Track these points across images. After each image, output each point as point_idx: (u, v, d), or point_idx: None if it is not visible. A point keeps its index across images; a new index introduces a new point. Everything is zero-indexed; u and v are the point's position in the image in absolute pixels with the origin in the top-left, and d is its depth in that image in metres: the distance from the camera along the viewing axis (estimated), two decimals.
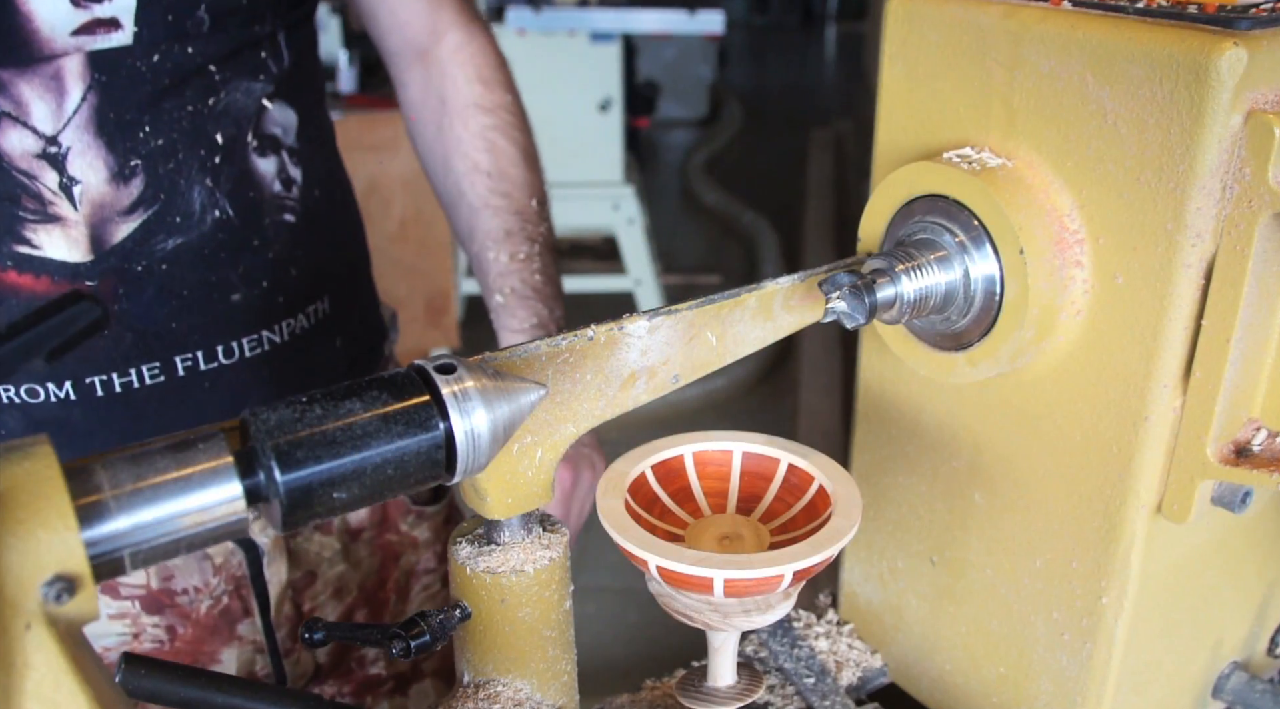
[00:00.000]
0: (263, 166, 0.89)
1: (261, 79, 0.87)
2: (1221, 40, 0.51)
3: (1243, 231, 0.54)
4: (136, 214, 0.81)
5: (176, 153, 0.82)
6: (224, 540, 0.42)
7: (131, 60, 0.78)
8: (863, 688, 0.79)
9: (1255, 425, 0.59)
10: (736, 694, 0.65)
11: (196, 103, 0.83)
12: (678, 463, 0.65)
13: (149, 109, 0.80)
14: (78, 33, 0.75)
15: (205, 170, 0.84)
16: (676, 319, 0.59)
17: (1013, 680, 0.71)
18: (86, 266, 0.81)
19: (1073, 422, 0.62)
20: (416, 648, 0.56)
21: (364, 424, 0.44)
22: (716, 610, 0.59)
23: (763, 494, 0.64)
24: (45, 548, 0.36)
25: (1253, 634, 0.75)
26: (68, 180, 0.79)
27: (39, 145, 0.78)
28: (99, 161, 0.79)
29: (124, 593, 0.89)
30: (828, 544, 0.56)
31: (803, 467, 0.63)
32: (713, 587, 0.55)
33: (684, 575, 0.55)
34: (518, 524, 0.58)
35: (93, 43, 0.76)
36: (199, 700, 0.50)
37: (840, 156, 5.56)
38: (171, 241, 0.83)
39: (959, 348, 0.63)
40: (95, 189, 0.80)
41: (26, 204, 0.79)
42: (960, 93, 0.63)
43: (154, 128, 0.81)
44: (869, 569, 0.80)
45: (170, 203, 0.83)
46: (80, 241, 0.80)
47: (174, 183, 0.83)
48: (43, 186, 0.78)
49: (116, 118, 0.79)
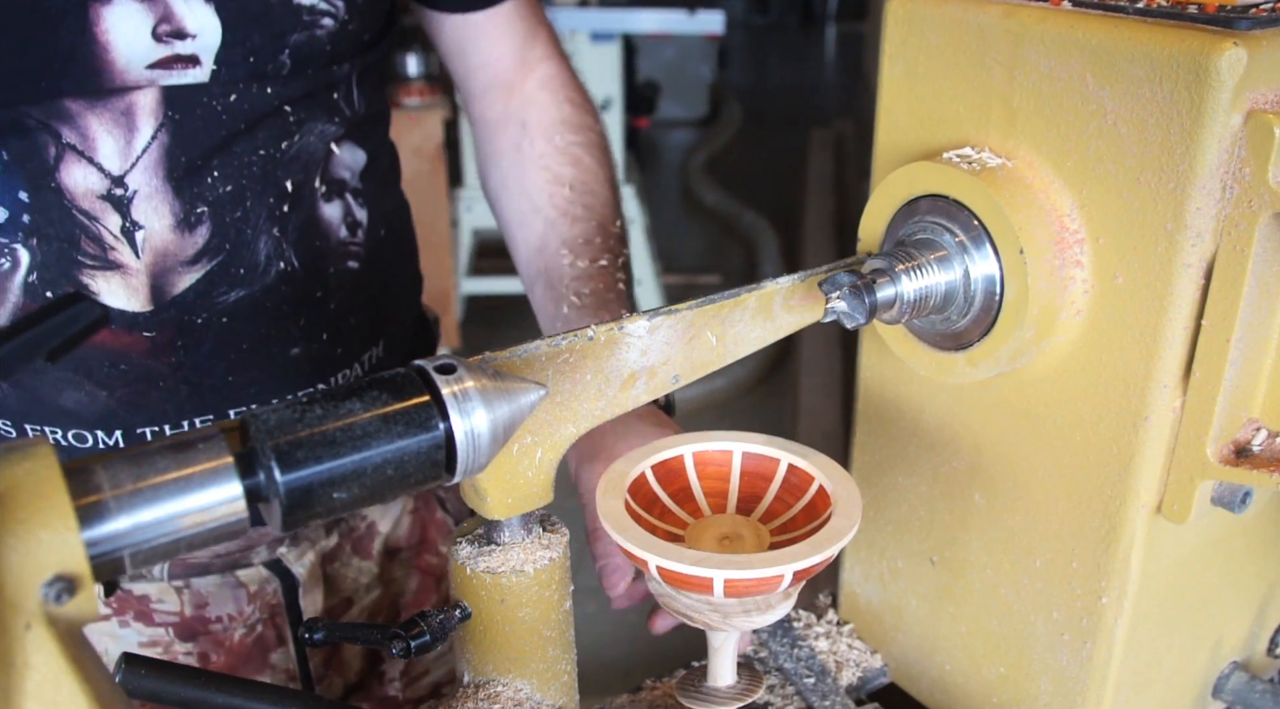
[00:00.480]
0: (329, 213, 0.86)
1: (335, 122, 0.84)
2: (1221, 40, 0.51)
3: (1243, 231, 0.54)
4: (200, 264, 0.78)
5: (245, 200, 0.79)
6: (224, 541, 0.42)
7: (207, 99, 0.75)
8: (863, 688, 0.79)
9: (1255, 425, 0.59)
10: (737, 694, 0.64)
11: (269, 146, 0.79)
12: (677, 463, 0.65)
13: (220, 152, 0.77)
14: (154, 67, 0.72)
15: (273, 219, 0.81)
16: (676, 319, 0.59)
17: (1013, 680, 0.71)
18: (145, 317, 0.77)
19: (1073, 422, 0.62)
20: (416, 648, 0.56)
21: (364, 424, 0.44)
22: (716, 610, 0.59)
23: (763, 494, 0.64)
24: (45, 548, 0.36)
25: (1253, 634, 0.75)
26: (131, 225, 0.75)
27: (104, 185, 0.74)
28: (164, 207, 0.76)
29: (157, 620, 0.87)
30: (827, 544, 0.56)
31: (803, 466, 0.63)
32: (712, 587, 0.55)
33: (684, 575, 0.55)
34: (518, 524, 0.58)
35: (168, 77, 0.73)
36: (199, 700, 0.50)
37: (840, 156, 5.56)
38: (234, 294, 0.80)
39: (959, 348, 0.63)
40: (159, 236, 0.76)
41: (86, 247, 0.75)
42: (960, 93, 0.63)
43: (223, 173, 0.77)
44: (869, 569, 0.80)
45: (235, 253, 0.79)
46: (140, 291, 0.77)
47: (240, 232, 0.79)
48: (104, 230, 0.75)
49: (187, 161, 0.75)
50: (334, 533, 0.94)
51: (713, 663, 0.65)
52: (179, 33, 0.72)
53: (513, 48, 0.97)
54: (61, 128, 0.72)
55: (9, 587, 0.35)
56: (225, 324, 0.80)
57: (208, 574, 0.88)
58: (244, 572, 0.89)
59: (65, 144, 0.72)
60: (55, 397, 0.78)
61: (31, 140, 0.72)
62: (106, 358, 0.78)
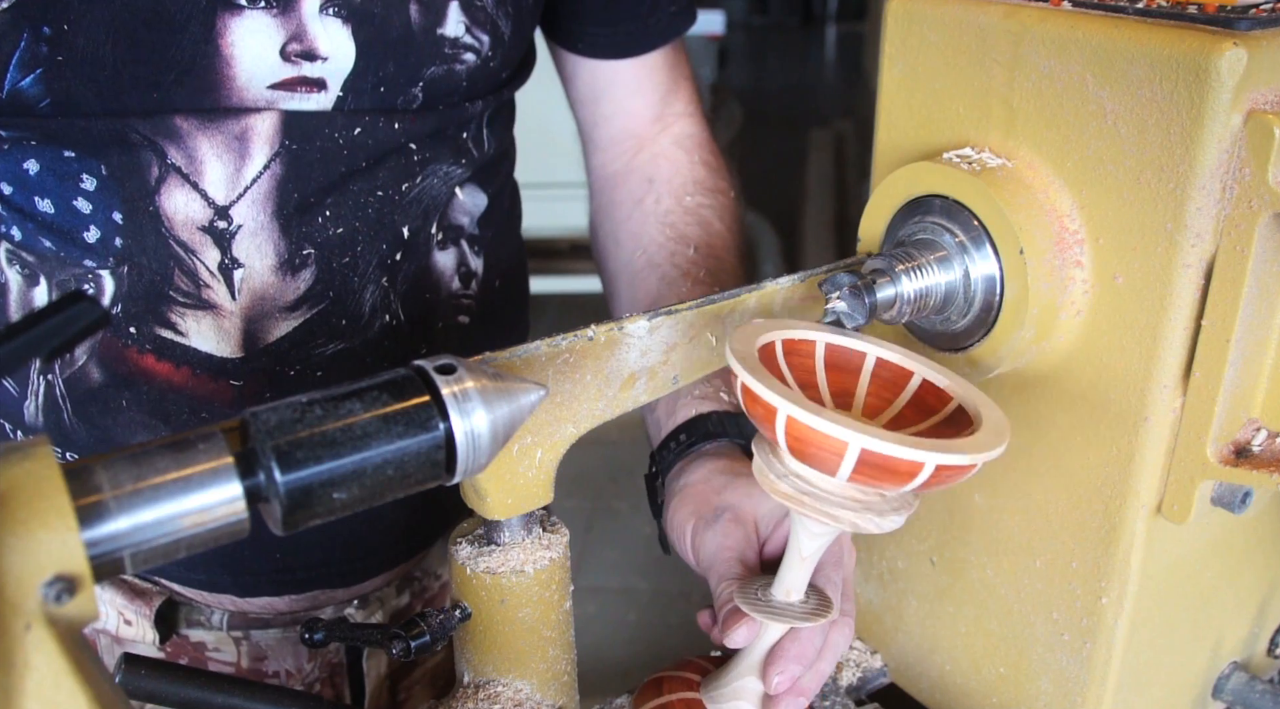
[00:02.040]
0: (442, 262, 0.79)
1: (461, 164, 0.78)
2: (1221, 40, 0.51)
3: (1243, 232, 0.54)
4: (299, 312, 0.72)
5: (355, 245, 0.72)
6: (224, 541, 0.42)
7: (329, 130, 0.69)
8: (863, 688, 0.79)
9: (1255, 425, 0.59)
10: (808, 612, 0.59)
11: (389, 187, 0.73)
12: (808, 348, 0.58)
13: (335, 190, 0.71)
14: (275, 87, 0.67)
15: (383, 267, 0.74)
16: (676, 319, 0.59)
17: (1013, 680, 0.71)
18: (234, 364, 0.71)
19: (1073, 422, 0.62)
20: (416, 648, 0.56)
21: (364, 424, 0.44)
22: (829, 498, 0.52)
23: (890, 403, 0.58)
24: (45, 548, 0.36)
25: (1253, 634, 0.75)
26: (229, 262, 0.69)
27: (207, 215, 0.68)
28: (268, 246, 0.69)
29: (212, 668, 0.83)
30: (974, 449, 0.49)
31: (941, 384, 0.56)
32: (843, 456, 0.48)
33: (816, 434, 0.47)
34: (518, 524, 0.58)
35: (289, 100, 0.67)
36: (199, 701, 0.50)
37: (840, 157, 5.56)
38: (332, 346, 0.73)
39: (959, 348, 0.63)
40: (259, 277, 0.70)
41: (178, 282, 0.69)
42: (960, 93, 0.63)
43: (335, 213, 0.71)
44: (869, 569, 0.80)
45: (339, 302, 0.72)
46: (232, 335, 0.71)
47: (346, 280, 0.73)
48: (200, 264, 0.69)
49: (299, 197, 0.69)
50: (405, 592, 0.89)
51: (787, 573, 0.58)
52: (309, 53, 0.67)
53: (651, 101, 0.90)
54: (168, 146, 0.67)
55: (9, 587, 0.35)
56: (319, 379, 0.73)
57: (269, 628, 0.83)
58: None
59: (170, 165, 0.67)
60: (127, 437, 0.73)
61: (134, 157, 0.67)
62: (187, 403, 0.73)
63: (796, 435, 0.49)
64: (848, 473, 0.49)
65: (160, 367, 0.72)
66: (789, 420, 0.48)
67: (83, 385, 0.73)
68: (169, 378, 0.72)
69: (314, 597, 0.84)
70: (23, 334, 0.38)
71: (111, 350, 0.72)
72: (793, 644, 0.60)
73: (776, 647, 0.60)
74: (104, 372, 0.72)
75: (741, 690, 0.62)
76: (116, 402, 0.73)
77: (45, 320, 0.38)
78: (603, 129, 0.91)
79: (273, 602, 0.83)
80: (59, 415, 0.74)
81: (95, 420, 0.74)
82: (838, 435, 0.47)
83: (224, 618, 0.83)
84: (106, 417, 0.73)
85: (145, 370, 0.72)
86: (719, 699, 0.63)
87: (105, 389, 0.73)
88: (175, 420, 0.73)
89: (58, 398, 0.74)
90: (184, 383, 0.72)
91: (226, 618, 0.83)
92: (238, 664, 0.84)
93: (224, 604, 0.83)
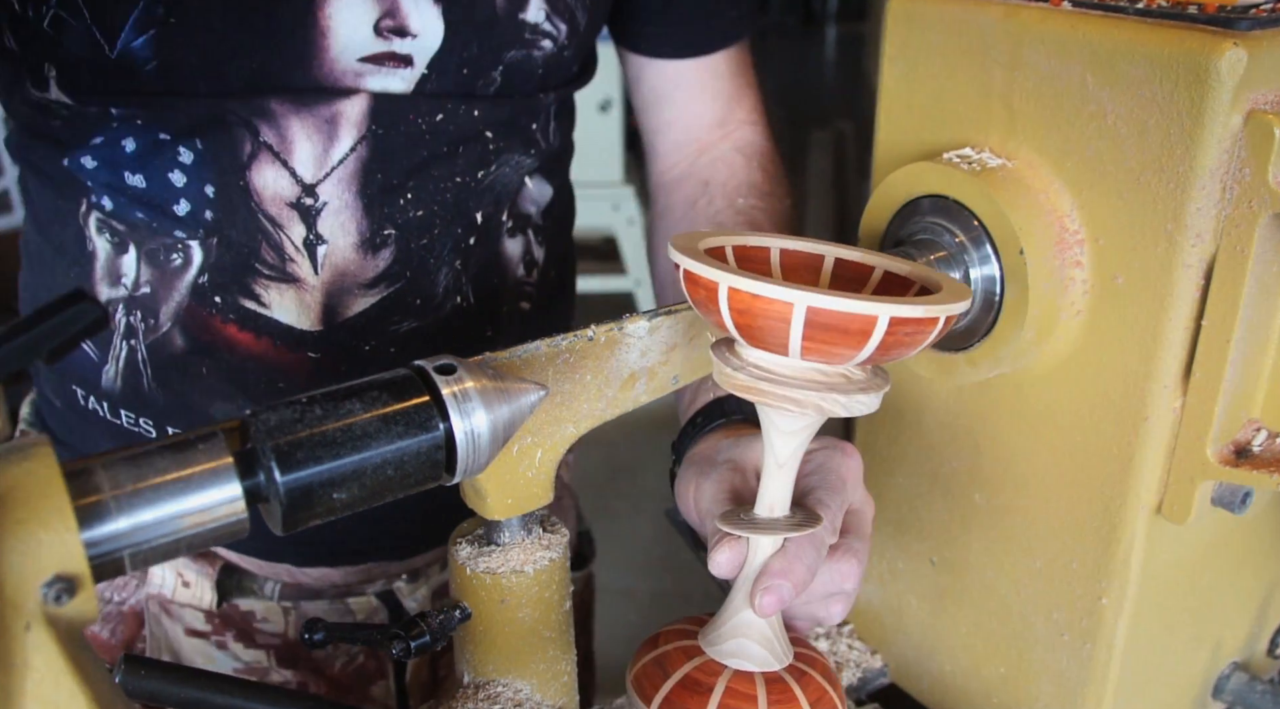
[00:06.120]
0: (510, 249, 0.81)
1: (531, 154, 0.80)
2: (1221, 40, 0.51)
3: (1243, 232, 0.54)
4: (378, 289, 0.74)
5: (433, 228, 0.75)
6: (224, 541, 0.42)
7: (414, 116, 0.72)
8: (863, 688, 0.79)
9: (1255, 426, 0.59)
10: (794, 524, 0.55)
11: (466, 173, 0.76)
12: (761, 255, 0.56)
13: (416, 174, 0.73)
14: (365, 60, 0.69)
15: (457, 250, 0.77)
16: (676, 319, 0.59)
17: (1013, 680, 0.71)
18: (314, 337, 0.74)
19: (1073, 422, 0.62)
20: (416, 648, 0.56)
21: (364, 424, 0.44)
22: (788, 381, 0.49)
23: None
24: (45, 548, 0.36)
25: (1253, 634, 0.75)
26: (314, 238, 0.72)
27: (295, 191, 0.71)
28: (351, 224, 0.72)
29: (260, 640, 0.85)
30: (931, 304, 0.46)
31: (903, 272, 0.54)
32: (790, 321, 0.45)
33: (759, 299, 0.45)
34: (518, 524, 0.58)
35: (377, 74, 0.70)
36: (199, 701, 0.50)
37: (840, 157, 5.56)
38: (406, 324, 0.76)
39: (959, 348, 0.63)
40: (340, 254, 0.72)
41: (265, 255, 0.72)
42: (960, 93, 0.63)
43: (416, 196, 0.74)
44: (869, 569, 0.80)
45: (415, 282, 0.75)
46: (313, 308, 0.73)
47: (423, 261, 0.75)
48: (286, 239, 0.71)
49: (382, 178, 0.72)
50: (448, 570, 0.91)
51: (767, 485, 0.55)
52: (401, 29, 0.69)
53: (715, 106, 0.90)
54: (261, 125, 0.69)
55: (9, 587, 0.35)
56: (393, 354, 0.76)
57: (319, 599, 0.85)
58: (355, 600, 0.86)
59: (262, 143, 0.70)
60: (205, 404, 0.76)
61: (229, 135, 0.69)
62: (265, 373, 0.75)
63: (741, 308, 0.46)
64: (798, 342, 0.46)
65: (242, 336, 0.74)
66: (730, 293, 0.46)
67: (165, 351, 0.75)
68: (249, 348, 0.74)
69: (368, 570, 0.86)
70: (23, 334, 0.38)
71: (196, 318, 0.74)
72: (779, 560, 0.56)
73: (764, 567, 0.57)
74: (187, 339, 0.75)
75: (739, 627, 0.57)
76: (197, 369, 0.76)
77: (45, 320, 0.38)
78: (665, 135, 0.91)
79: (328, 573, 0.85)
80: (139, 380, 0.76)
81: (175, 386, 0.76)
82: (783, 297, 0.44)
83: (276, 588, 0.85)
84: (186, 383, 0.76)
85: (227, 339, 0.74)
86: (717, 641, 0.58)
87: (187, 356, 0.75)
88: (253, 390, 0.75)
89: (139, 363, 0.76)
90: (264, 353, 0.75)
91: (279, 588, 0.85)
92: (284, 634, 0.85)
93: (279, 574, 0.85)
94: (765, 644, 0.57)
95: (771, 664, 0.57)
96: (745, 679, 0.56)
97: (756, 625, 0.57)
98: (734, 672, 0.57)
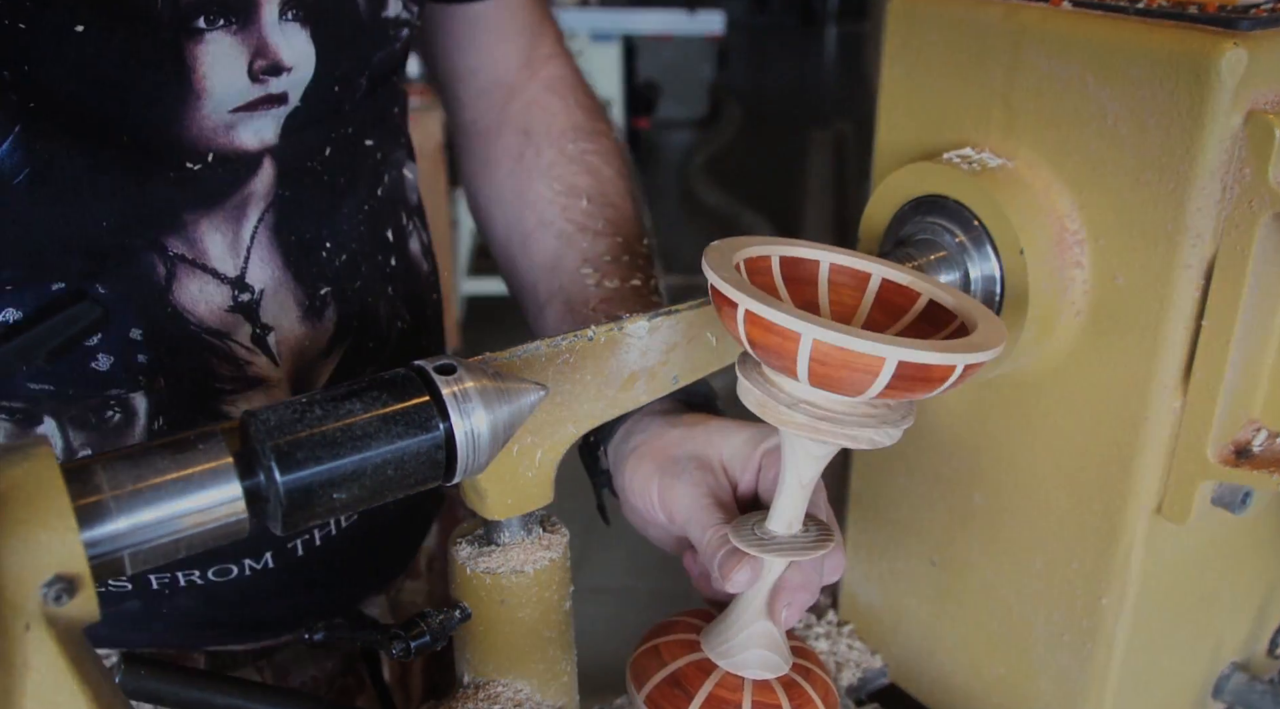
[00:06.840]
0: (414, 248, 0.78)
1: (401, 142, 0.76)
2: (1221, 40, 0.51)
3: (1243, 232, 0.54)
4: (335, 354, 0.69)
5: (359, 267, 0.70)
6: (224, 542, 0.42)
7: (308, 162, 0.67)
8: (863, 688, 0.79)
9: (1255, 426, 0.59)
10: (812, 542, 0.55)
11: (369, 198, 0.71)
12: (811, 269, 0.55)
13: (327, 219, 0.68)
14: (238, 110, 0.62)
15: (385, 278, 0.72)
16: (676, 319, 0.59)
17: (1013, 680, 0.71)
18: None
19: (1073, 422, 0.62)
20: (416, 648, 0.56)
21: (364, 424, 0.44)
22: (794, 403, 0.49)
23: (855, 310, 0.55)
24: (45, 548, 0.36)
25: (1253, 635, 0.75)
26: (261, 330, 0.66)
27: (226, 293, 0.64)
28: (289, 298, 0.67)
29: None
30: (946, 349, 0.45)
31: (949, 304, 0.53)
32: (796, 352, 0.45)
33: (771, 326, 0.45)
34: (518, 524, 0.58)
35: (249, 120, 0.63)
36: (199, 701, 0.50)
37: (840, 157, 5.56)
38: (369, 371, 0.71)
39: None
40: (290, 333, 0.67)
41: (220, 371, 0.65)
42: (960, 93, 0.63)
43: (335, 242, 0.69)
44: (869, 570, 0.80)
45: (364, 329, 0.71)
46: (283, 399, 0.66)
47: (364, 303, 0.71)
48: (235, 345, 0.65)
49: (296, 238, 0.67)
50: None
51: (787, 505, 0.55)
52: (275, 67, 0.63)
53: (518, 45, 0.85)
54: (167, 238, 0.62)
55: (9, 587, 0.35)
56: None
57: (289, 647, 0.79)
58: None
59: (173, 256, 0.62)
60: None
61: (137, 265, 0.61)
62: None
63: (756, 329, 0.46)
64: (807, 366, 0.46)
65: None
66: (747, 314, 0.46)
67: None
68: None
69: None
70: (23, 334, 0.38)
71: None
72: (797, 574, 0.56)
73: (781, 580, 0.57)
74: None
75: (755, 637, 0.58)
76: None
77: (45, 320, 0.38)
78: (468, 83, 0.86)
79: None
80: None
81: None
82: (790, 326, 0.45)
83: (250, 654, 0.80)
84: None
85: None
86: (731, 653, 0.58)
87: None
88: None
89: None
90: None
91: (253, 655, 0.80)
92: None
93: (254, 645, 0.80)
94: (778, 650, 0.59)
95: (783, 668, 0.59)
96: (766, 689, 0.58)
97: (771, 634, 0.58)
98: (754, 683, 0.58)
